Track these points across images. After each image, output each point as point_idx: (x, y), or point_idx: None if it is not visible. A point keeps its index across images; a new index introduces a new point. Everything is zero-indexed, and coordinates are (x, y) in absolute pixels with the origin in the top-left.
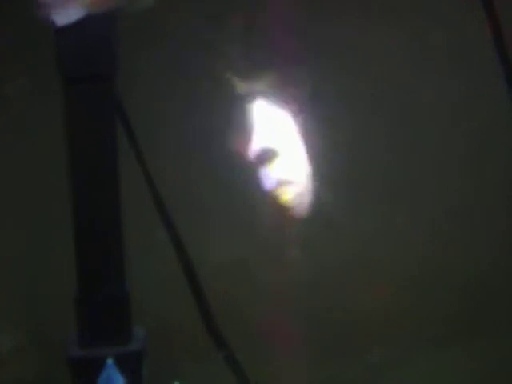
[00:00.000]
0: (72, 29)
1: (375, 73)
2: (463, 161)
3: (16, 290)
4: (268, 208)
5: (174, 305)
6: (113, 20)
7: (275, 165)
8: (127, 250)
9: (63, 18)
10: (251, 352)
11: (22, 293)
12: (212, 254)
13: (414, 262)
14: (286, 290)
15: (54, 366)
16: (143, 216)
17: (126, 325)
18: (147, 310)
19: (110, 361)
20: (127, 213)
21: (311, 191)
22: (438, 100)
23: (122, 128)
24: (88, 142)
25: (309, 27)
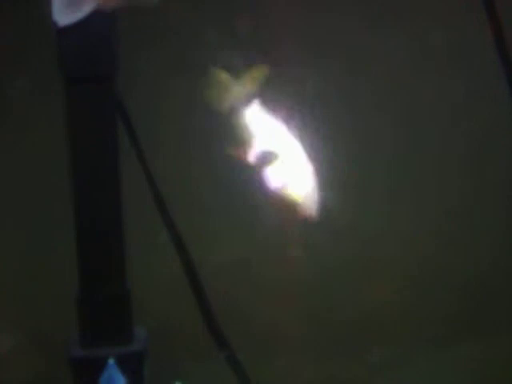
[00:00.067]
0: (73, 29)
1: (375, 73)
2: (463, 161)
3: (16, 290)
4: (269, 208)
5: (175, 305)
6: (113, 20)
7: (277, 167)
8: (128, 249)
9: (65, 18)
10: (252, 352)
11: (22, 293)
12: (213, 253)
13: (414, 261)
14: (287, 290)
15: (54, 366)
16: (144, 216)
17: (127, 325)
18: (148, 310)
19: (111, 361)
20: (128, 212)
21: (315, 192)
22: (438, 100)
23: (123, 127)
24: (89, 142)
25: (309, 28)
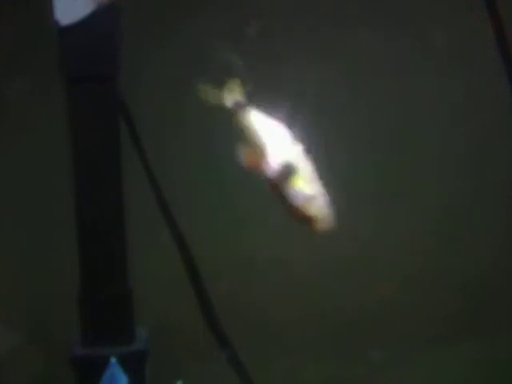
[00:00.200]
0: (75, 29)
1: (376, 74)
2: (463, 161)
3: (17, 290)
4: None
5: (176, 304)
6: (115, 20)
7: (296, 179)
8: (130, 249)
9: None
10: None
11: (24, 293)
12: (215, 253)
13: (414, 261)
14: (288, 290)
15: (55, 366)
16: (146, 215)
17: (128, 324)
18: (150, 309)
19: (113, 360)
20: (130, 212)
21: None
22: (438, 100)
23: (126, 127)
24: (91, 142)
25: (309, 29)
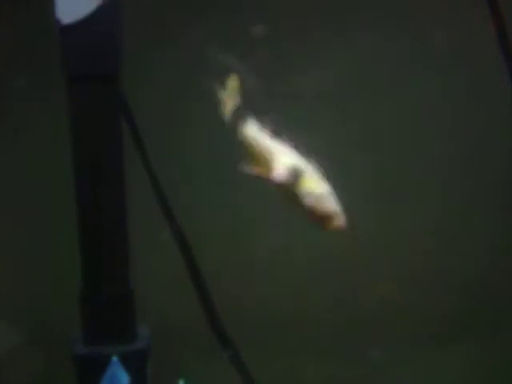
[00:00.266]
0: (76, 27)
1: (376, 73)
2: (463, 161)
3: (16, 290)
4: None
5: (178, 303)
6: (117, 19)
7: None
8: (132, 248)
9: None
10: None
11: (25, 292)
12: (216, 253)
13: (414, 261)
14: (288, 290)
15: (55, 366)
16: (148, 215)
17: (130, 323)
18: (152, 308)
19: (114, 359)
20: (132, 211)
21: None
22: (438, 100)
23: (127, 127)
24: (92, 142)
25: (309, 28)
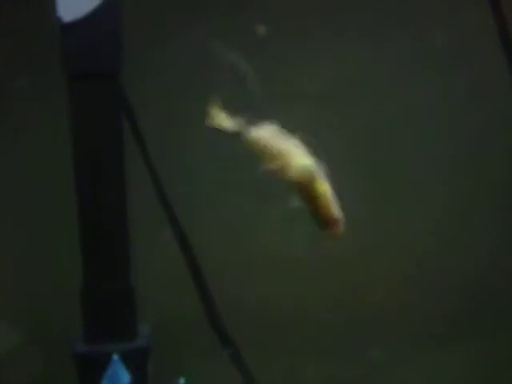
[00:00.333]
0: (77, 26)
1: (375, 73)
2: (463, 161)
3: (16, 290)
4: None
5: (179, 302)
6: (118, 17)
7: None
8: (133, 247)
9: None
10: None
11: (23, 293)
12: (217, 252)
13: (414, 261)
14: (288, 290)
15: (55, 366)
16: (149, 214)
17: (131, 321)
18: (153, 306)
19: (115, 357)
20: (133, 210)
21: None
22: (438, 100)
23: (129, 125)
24: (93, 140)
25: (309, 28)
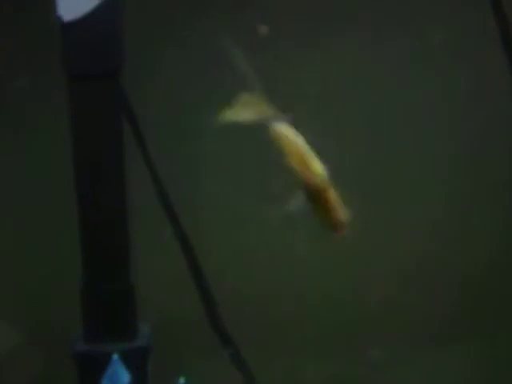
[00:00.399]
0: (78, 24)
1: (375, 73)
2: (463, 161)
3: (16, 290)
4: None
5: (179, 301)
6: (119, 16)
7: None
8: (133, 246)
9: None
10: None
11: (23, 293)
12: (217, 252)
13: (414, 261)
14: (288, 290)
15: (55, 366)
16: (149, 213)
17: (131, 321)
18: (153, 306)
19: (115, 356)
20: (133, 210)
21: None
22: (438, 100)
23: (129, 125)
24: (93, 141)
25: (310, 28)
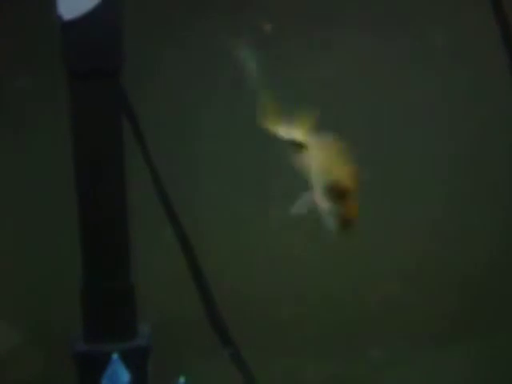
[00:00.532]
0: (78, 23)
1: (375, 73)
2: (463, 161)
3: (16, 290)
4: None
5: (179, 301)
6: (119, 15)
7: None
8: (133, 246)
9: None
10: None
11: (23, 292)
12: (217, 251)
13: (414, 261)
14: (288, 290)
15: (55, 366)
16: (149, 213)
17: (131, 321)
18: (153, 306)
19: (115, 356)
20: (133, 210)
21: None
22: (438, 100)
23: (129, 124)
24: (93, 138)
25: (310, 28)
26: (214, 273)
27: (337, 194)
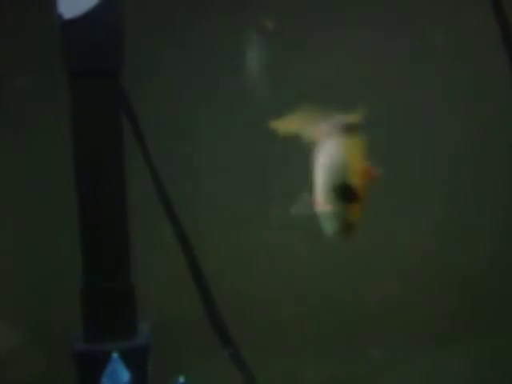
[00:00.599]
0: (78, 22)
1: (375, 73)
2: (463, 160)
3: (16, 290)
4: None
5: (179, 301)
6: (119, 14)
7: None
8: (133, 246)
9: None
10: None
11: (23, 292)
12: (217, 251)
13: (414, 261)
14: (288, 290)
15: (55, 366)
16: (149, 213)
17: (131, 320)
18: (153, 305)
19: (115, 355)
20: (133, 210)
21: None
22: (438, 100)
23: (129, 124)
24: (93, 136)
25: (310, 28)
26: (213, 273)
27: (348, 196)
